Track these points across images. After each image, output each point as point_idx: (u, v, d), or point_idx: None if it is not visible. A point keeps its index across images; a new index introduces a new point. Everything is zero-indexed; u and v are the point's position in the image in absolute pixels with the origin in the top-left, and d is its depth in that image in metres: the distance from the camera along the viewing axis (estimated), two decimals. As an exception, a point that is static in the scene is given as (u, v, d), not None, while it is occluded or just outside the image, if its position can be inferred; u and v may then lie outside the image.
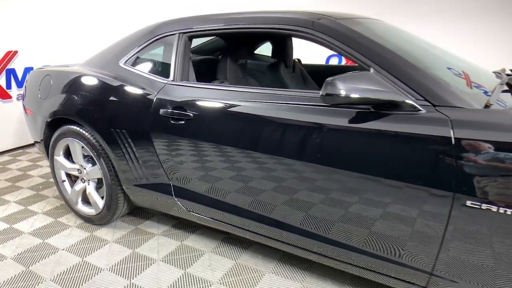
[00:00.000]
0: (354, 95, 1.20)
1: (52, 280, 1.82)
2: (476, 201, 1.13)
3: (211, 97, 1.71)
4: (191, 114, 1.73)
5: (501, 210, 1.10)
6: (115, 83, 2.04)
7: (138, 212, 2.52)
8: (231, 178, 1.69)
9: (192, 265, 1.93)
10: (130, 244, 2.14)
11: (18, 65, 3.89)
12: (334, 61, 4.33)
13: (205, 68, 2.39)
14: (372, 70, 1.35)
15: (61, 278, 1.84)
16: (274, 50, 2.75)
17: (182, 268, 1.90)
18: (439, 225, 1.22)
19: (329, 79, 1.23)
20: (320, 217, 1.49)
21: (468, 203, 1.14)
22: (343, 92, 1.20)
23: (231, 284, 1.77)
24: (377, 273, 1.45)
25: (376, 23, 1.94)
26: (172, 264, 1.94)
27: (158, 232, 2.27)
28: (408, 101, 1.23)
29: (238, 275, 1.84)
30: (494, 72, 1.98)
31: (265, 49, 3.03)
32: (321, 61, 4.30)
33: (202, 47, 2.92)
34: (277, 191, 1.57)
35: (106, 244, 2.15)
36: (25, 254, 2.05)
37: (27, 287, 1.77)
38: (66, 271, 1.89)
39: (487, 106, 1.24)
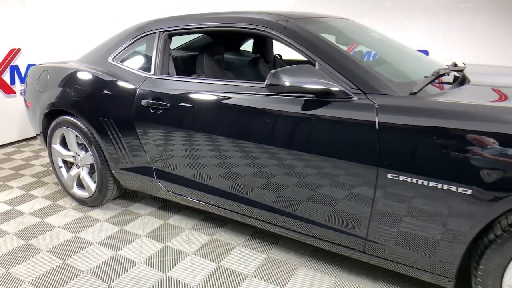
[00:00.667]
0: (293, 85, 1.41)
1: (48, 251, 2.07)
2: (395, 174, 1.33)
3: (184, 89, 1.93)
4: (167, 104, 1.95)
5: (414, 180, 1.30)
6: (104, 77, 2.26)
7: (128, 196, 2.75)
8: (203, 161, 1.91)
9: (172, 239, 2.16)
10: (119, 222, 2.38)
11: (21, 62, 4.15)
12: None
13: (190, 64, 2.61)
14: (317, 64, 1.55)
15: (56, 250, 2.08)
16: (254, 46, 2.96)
17: (163, 242, 2.13)
18: (368, 196, 1.43)
19: (273, 71, 1.43)
20: (276, 193, 1.71)
21: (389, 175, 1.35)
22: (285, 83, 1.41)
23: (205, 255, 2.00)
24: (325, 241, 1.66)
25: (340, 22, 2.14)
26: (155, 239, 2.17)
27: (145, 212, 2.50)
28: (340, 89, 1.43)
29: (212, 247, 2.07)
30: (448, 65, 2.17)
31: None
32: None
33: (193, 43, 3.13)
34: (242, 171, 1.78)
35: (98, 222, 2.39)
36: (25, 230, 2.30)
37: (26, 257, 2.02)
38: (60, 244, 2.13)
39: (412, 93, 1.44)
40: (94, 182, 2.49)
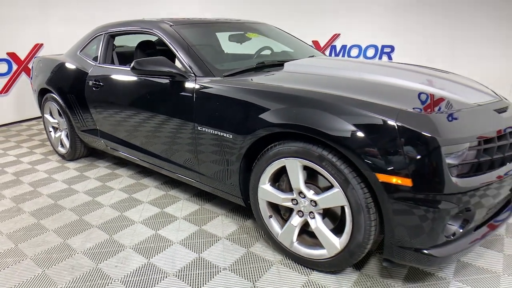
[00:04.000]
0: (146, 70, 2.19)
1: (27, 183, 3.06)
2: (200, 126, 2.09)
3: (111, 73, 2.79)
4: (102, 84, 2.83)
5: (208, 130, 2.05)
6: (72, 65, 3.20)
7: (98, 155, 3.70)
8: (125, 124, 2.76)
9: (109, 182, 3.05)
10: (83, 170, 3.32)
11: (43, 54, 5.28)
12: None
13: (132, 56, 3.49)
14: (177, 56, 2.33)
15: (33, 183, 3.06)
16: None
17: (100, 181, 3.04)
18: (193, 141, 2.19)
19: (137, 60, 2.22)
20: (155, 143, 2.51)
21: (199, 128, 2.10)
22: (143, 68, 2.20)
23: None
24: (182, 176, 2.44)
25: (232, 25, 2.88)
26: (100, 181, 3.08)
27: (102, 165, 3.43)
28: (178, 72, 2.19)
29: (132, 188, 2.90)
30: (316, 56, 2.82)
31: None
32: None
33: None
34: (143, 131, 2.60)
35: (68, 170, 3.35)
36: (19, 172, 3.32)
37: (14, 185, 3.02)
38: (37, 180, 3.12)
39: (225, 76, 2.16)
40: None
